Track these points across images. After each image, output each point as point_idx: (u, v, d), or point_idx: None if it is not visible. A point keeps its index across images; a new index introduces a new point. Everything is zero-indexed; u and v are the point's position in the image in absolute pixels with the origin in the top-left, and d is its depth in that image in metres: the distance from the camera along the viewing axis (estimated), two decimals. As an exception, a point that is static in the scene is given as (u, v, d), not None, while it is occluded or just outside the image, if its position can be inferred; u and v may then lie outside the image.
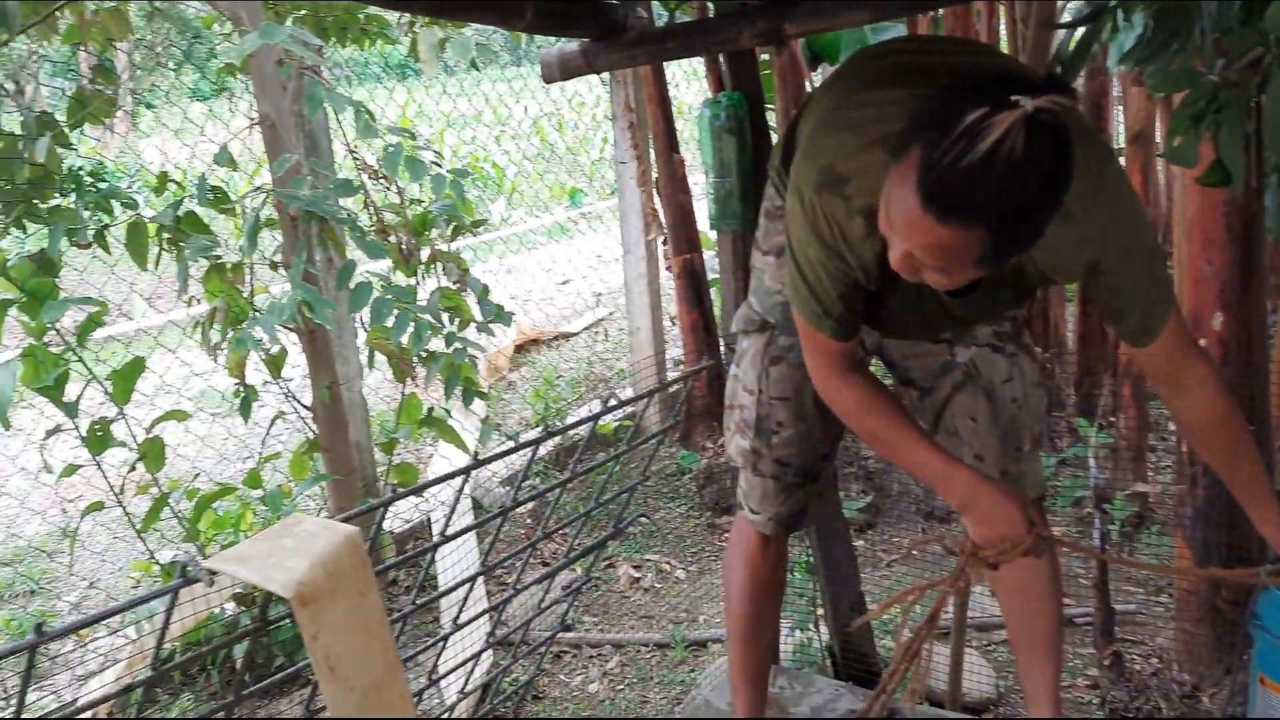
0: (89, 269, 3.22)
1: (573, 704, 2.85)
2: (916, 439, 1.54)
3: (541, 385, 5.15)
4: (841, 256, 1.46)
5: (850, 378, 1.57)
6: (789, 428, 1.81)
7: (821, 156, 1.44)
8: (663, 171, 4.46)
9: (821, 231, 1.45)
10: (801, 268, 1.51)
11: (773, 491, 1.86)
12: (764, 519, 1.89)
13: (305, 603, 1.35)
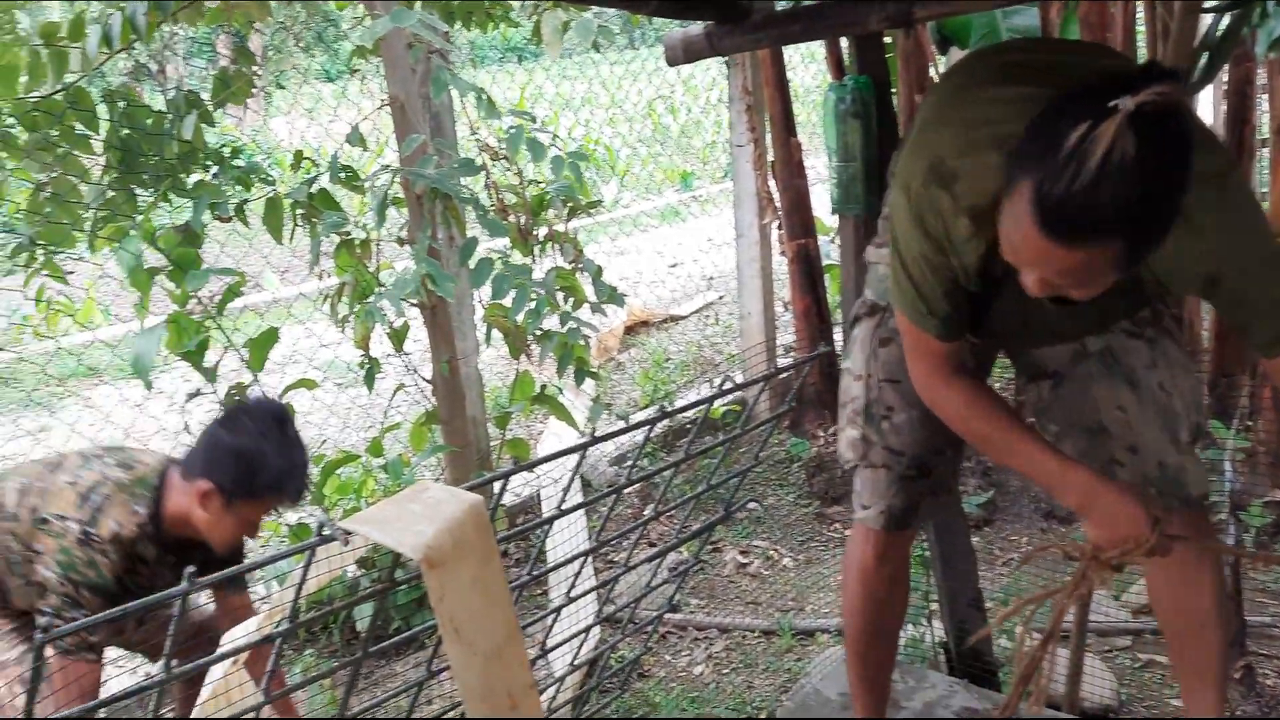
0: (228, 242, 3.36)
1: (678, 684, 2.87)
2: (1028, 440, 1.50)
3: (651, 367, 5.17)
4: (945, 253, 1.43)
5: (956, 381, 1.53)
6: (900, 413, 1.74)
7: (931, 150, 1.41)
8: (779, 155, 4.41)
9: (927, 225, 1.42)
10: (906, 263, 1.48)
11: (884, 482, 1.79)
12: (874, 513, 1.81)
13: (433, 565, 1.39)
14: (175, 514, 2.02)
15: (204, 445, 2.04)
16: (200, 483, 1.99)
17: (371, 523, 1.45)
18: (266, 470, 1.99)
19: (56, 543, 1.93)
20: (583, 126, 7.46)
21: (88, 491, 1.98)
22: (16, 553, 2.00)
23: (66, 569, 1.92)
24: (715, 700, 2.77)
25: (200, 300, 2.96)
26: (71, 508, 1.95)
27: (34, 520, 1.97)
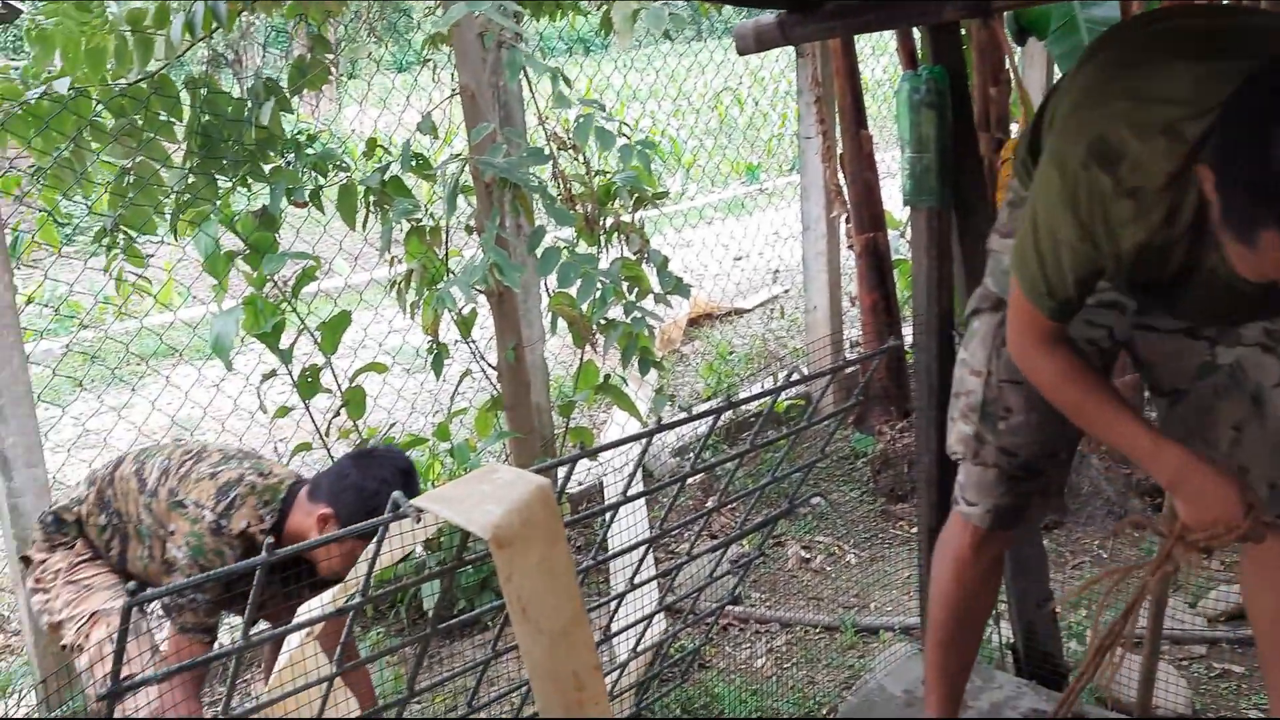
0: (303, 227, 3.43)
1: (739, 676, 2.86)
2: (1122, 412, 1.47)
3: (715, 359, 5.15)
4: (1094, 241, 1.36)
5: (1055, 349, 1.49)
6: (1018, 414, 1.70)
7: (1092, 128, 1.34)
8: (848, 147, 4.36)
9: (1079, 208, 1.35)
10: (1040, 241, 1.42)
11: (992, 481, 1.75)
12: (980, 511, 1.77)
13: (501, 545, 1.40)
14: (294, 530, 2.13)
15: (333, 475, 2.16)
16: (323, 508, 2.11)
17: (443, 501, 1.47)
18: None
19: (190, 527, 2.06)
20: (649, 118, 7.46)
21: (226, 487, 2.11)
22: (148, 526, 2.15)
23: (196, 553, 2.05)
24: (776, 694, 2.75)
25: (276, 284, 3.03)
26: (209, 498, 2.09)
27: (171, 502, 2.11)
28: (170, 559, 2.08)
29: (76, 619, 2.15)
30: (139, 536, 2.17)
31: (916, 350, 2.31)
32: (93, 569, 2.22)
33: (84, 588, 2.19)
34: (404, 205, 3.13)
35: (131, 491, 2.18)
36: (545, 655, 1.46)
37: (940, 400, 2.28)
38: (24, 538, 2.50)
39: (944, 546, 1.86)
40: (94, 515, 2.21)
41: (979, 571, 1.82)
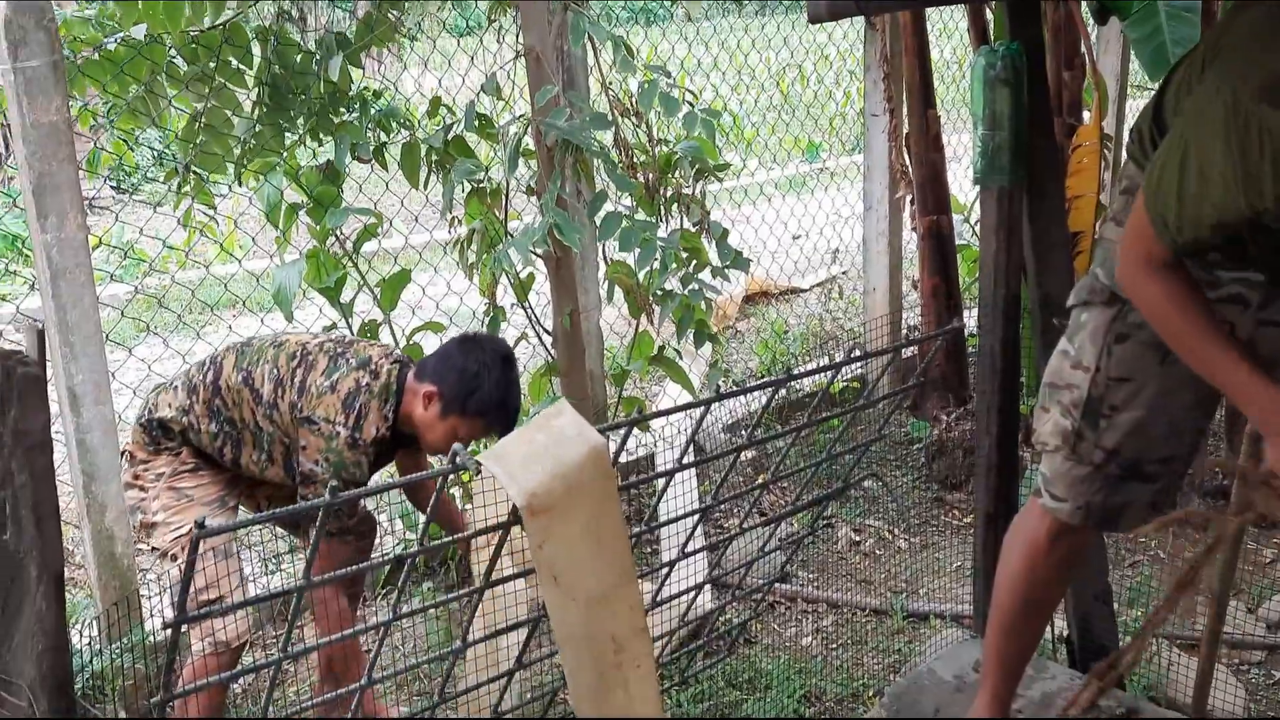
0: (366, 185, 3.44)
1: (785, 653, 2.83)
2: (1225, 345, 1.42)
3: (770, 337, 5.10)
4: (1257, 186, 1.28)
5: (1163, 273, 1.43)
6: (1124, 412, 1.63)
7: (1267, 67, 1.27)
8: (914, 127, 4.26)
9: (1248, 146, 1.27)
10: (1185, 173, 1.35)
11: (1087, 479, 1.68)
12: (1070, 507, 1.70)
13: (535, 513, 1.39)
14: (406, 413, 2.29)
15: (439, 357, 2.32)
16: (428, 386, 2.26)
17: (497, 458, 1.45)
18: (481, 396, 2.25)
19: (325, 443, 2.20)
20: (711, 91, 7.37)
21: (349, 399, 2.23)
22: (269, 433, 2.27)
23: (338, 468, 2.19)
24: (822, 673, 2.73)
25: (338, 238, 3.04)
26: (337, 413, 2.21)
27: (298, 418, 2.23)
28: (308, 472, 2.21)
29: (173, 526, 2.25)
30: (255, 442, 2.29)
31: (981, 334, 2.25)
32: (195, 480, 2.31)
33: (185, 497, 2.28)
34: (466, 165, 3.12)
35: (245, 401, 2.27)
36: (579, 622, 1.44)
37: (1004, 385, 2.23)
38: (91, 473, 2.56)
39: (1018, 533, 1.81)
40: (203, 423, 2.29)
41: (1053, 561, 1.76)
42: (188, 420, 2.30)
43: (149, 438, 2.32)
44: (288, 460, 2.28)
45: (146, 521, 2.28)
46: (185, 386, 2.33)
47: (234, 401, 2.28)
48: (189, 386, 2.32)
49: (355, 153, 3.06)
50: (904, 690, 2.16)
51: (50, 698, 1.20)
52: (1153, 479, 1.69)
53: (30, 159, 2.43)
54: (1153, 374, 1.61)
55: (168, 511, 2.25)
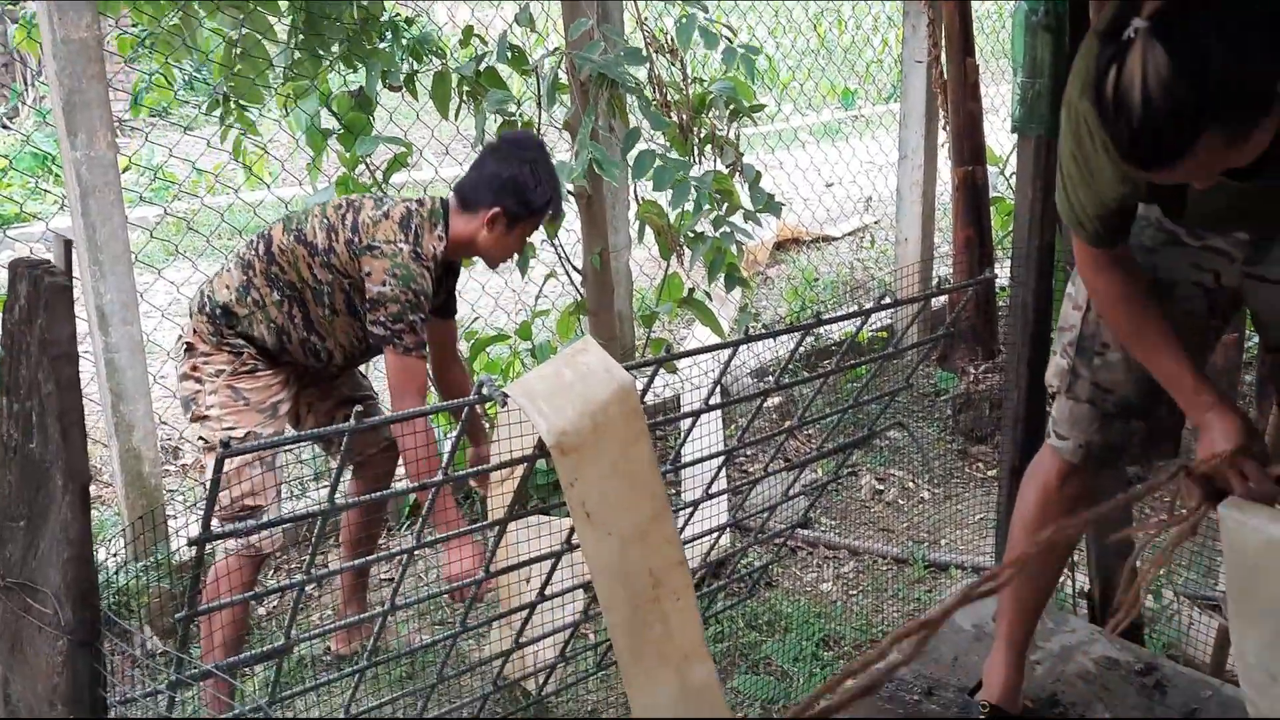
0: (397, 114, 3.40)
1: (804, 597, 2.85)
2: (1168, 347, 1.51)
3: (801, 284, 5.05)
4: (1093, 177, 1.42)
5: (1105, 270, 1.53)
6: (1115, 350, 1.66)
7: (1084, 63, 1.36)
8: (953, 75, 4.16)
9: (1082, 142, 1.40)
10: (1064, 175, 1.48)
11: (1085, 417, 1.71)
12: (1070, 445, 1.73)
13: (565, 452, 1.39)
14: (458, 239, 2.36)
15: (484, 180, 2.34)
16: (487, 210, 2.32)
17: (526, 392, 1.44)
18: (540, 192, 2.35)
19: (390, 261, 2.24)
20: (747, 33, 7.24)
21: (404, 221, 2.29)
22: (328, 284, 2.32)
23: (406, 280, 2.24)
24: (840, 618, 2.74)
25: (368, 167, 3.01)
26: (395, 234, 2.27)
27: (356, 250, 2.28)
28: (376, 295, 2.24)
29: (225, 424, 2.28)
30: (316, 298, 2.33)
31: (1013, 285, 2.22)
32: (253, 382, 2.34)
33: (241, 399, 2.31)
34: (498, 97, 3.07)
35: (301, 258, 2.31)
36: (616, 557, 1.44)
37: (1035, 336, 2.20)
38: (119, 392, 2.57)
39: (1032, 475, 1.83)
40: (267, 294, 2.32)
41: (1065, 501, 1.77)
42: (252, 297, 2.32)
43: (214, 327, 2.33)
44: (350, 304, 2.33)
45: (199, 414, 2.32)
46: (239, 265, 2.35)
47: (289, 263, 2.32)
48: (243, 264, 2.35)
49: (386, 80, 3.01)
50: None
51: (74, 606, 1.21)
52: (1144, 415, 1.72)
53: (60, 75, 2.42)
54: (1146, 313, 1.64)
55: (222, 409, 2.29)
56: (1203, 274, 1.63)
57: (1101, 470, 1.77)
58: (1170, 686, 1.98)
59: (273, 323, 2.33)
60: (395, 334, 2.24)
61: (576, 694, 2.32)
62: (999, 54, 6.96)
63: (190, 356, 2.35)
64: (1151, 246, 1.65)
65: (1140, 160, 1.19)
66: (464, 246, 2.39)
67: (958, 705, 1.87)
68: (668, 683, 1.39)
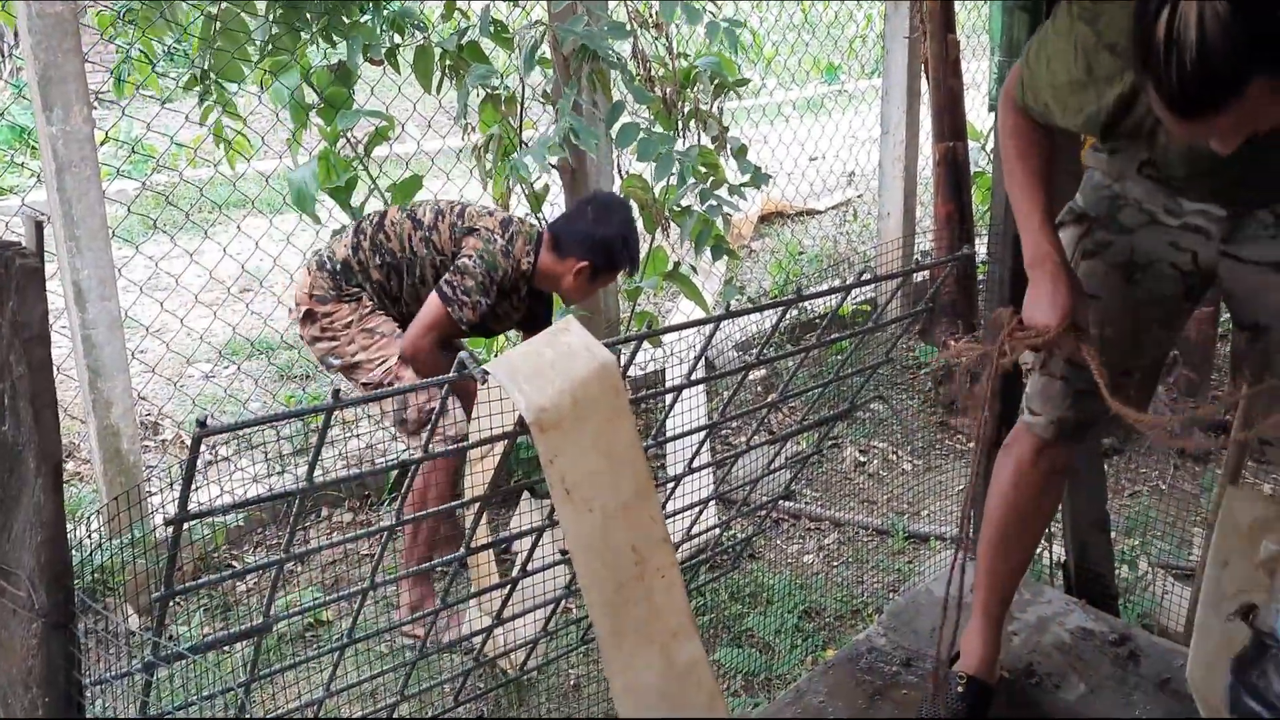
0: (379, 87, 3.37)
1: (788, 569, 2.87)
2: (1038, 188, 1.56)
3: (784, 258, 5.06)
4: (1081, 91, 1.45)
5: (1021, 114, 1.58)
6: (1090, 328, 1.65)
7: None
8: (934, 51, 4.16)
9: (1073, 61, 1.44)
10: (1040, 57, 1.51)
11: (1059, 394, 1.72)
12: (1044, 421, 1.75)
13: (545, 429, 1.38)
14: (545, 272, 2.70)
15: (580, 234, 2.67)
16: (578, 262, 2.65)
17: (506, 369, 1.44)
18: (624, 254, 2.71)
19: (484, 245, 2.57)
20: (731, 6, 7.18)
21: (505, 222, 2.66)
22: (423, 258, 2.62)
23: (491, 266, 2.56)
24: (823, 589, 2.76)
25: (349, 141, 2.99)
26: (496, 228, 2.62)
27: (459, 230, 2.61)
28: (461, 264, 2.55)
29: (377, 361, 2.56)
30: (409, 269, 2.62)
31: (991, 261, 2.23)
32: (378, 319, 2.62)
33: (377, 334, 2.59)
34: (480, 71, 3.04)
35: (406, 231, 2.62)
36: (598, 534, 1.44)
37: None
38: (96, 369, 2.55)
39: (1007, 451, 1.85)
40: (370, 258, 2.62)
41: (1038, 477, 1.80)
42: (359, 258, 2.62)
43: (333, 282, 2.61)
44: (439, 280, 2.59)
45: (347, 364, 2.59)
46: (353, 231, 2.67)
47: (395, 233, 2.62)
48: (357, 229, 2.67)
49: (368, 54, 2.98)
50: (902, 609, 2.19)
51: (48, 588, 1.20)
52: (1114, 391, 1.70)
53: (36, 49, 2.38)
54: (1116, 290, 1.67)
55: (367, 350, 2.57)
56: (1180, 254, 1.63)
57: (1073, 444, 1.79)
58: (1144, 656, 2.01)
59: (375, 285, 2.63)
60: (454, 295, 2.53)
61: (560, 668, 2.34)
62: (980, 30, 6.95)
63: (313, 322, 2.62)
64: (1131, 227, 1.66)
65: (1187, 103, 1.16)
66: (548, 280, 2.72)
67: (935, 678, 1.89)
68: (652, 662, 1.39)
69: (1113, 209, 1.67)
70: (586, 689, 2.33)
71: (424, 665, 1.95)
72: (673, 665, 1.42)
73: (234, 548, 2.97)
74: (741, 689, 2.39)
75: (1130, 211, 1.66)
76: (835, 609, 2.69)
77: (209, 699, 1.52)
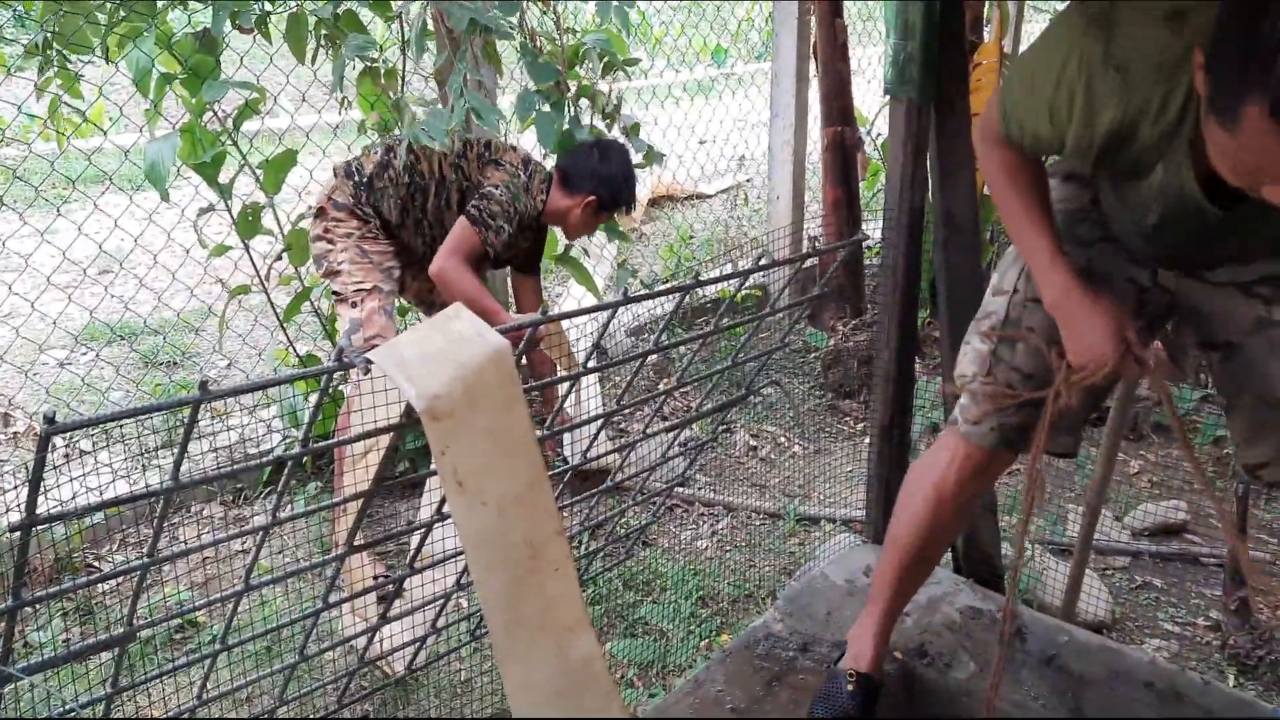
0: (249, 57, 3.17)
1: (683, 555, 2.85)
2: (1038, 221, 1.49)
3: (676, 241, 5.03)
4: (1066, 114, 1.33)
5: (1005, 146, 1.49)
6: (1040, 336, 1.61)
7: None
8: (822, 36, 4.20)
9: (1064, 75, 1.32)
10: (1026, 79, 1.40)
11: (1000, 399, 1.65)
12: (984, 429, 1.67)
13: (436, 417, 1.31)
14: (554, 208, 2.93)
15: (588, 170, 2.89)
16: (583, 196, 2.89)
17: (394, 358, 1.36)
18: (625, 193, 2.95)
19: (510, 178, 2.81)
20: (619, -13, 7.13)
21: (526, 159, 2.91)
22: (450, 181, 2.83)
23: (514, 197, 2.80)
24: (717, 575, 2.75)
25: (216, 114, 2.81)
26: (519, 165, 2.86)
27: (490, 159, 2.85)
28: (488, 191, 2.77)
29: (355, 278, 2.71)
30: (437, 191, 2.83)
31: (885, 247, 2.24)
32: (378, 246, 2.79)
33: (368, 258, 2.76)
34: (358, 42, 2.89)
35: (435, 155, 2.81)
36: (491, 526, 1.38)
37: (905, 299, 2.23)
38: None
39: (925, 471, 1.76)
40: (400, 177, 2.80)
41: (957, 508, 1.74)
42: (389, 174, 2.78)
43: (354, 192, 2.78)
44: (463, 204, 2.81)
45: (331, 269, 2.73)
46: (384, 149, 2.85)
47: (425, 156, 2.80)
48: (387, 149, 2.84)
49: (236, 21, 2.80)
50: (798, 593, 2.19)
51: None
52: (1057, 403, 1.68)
53: None
54: None
55: (353, 265, 2.72)
56: (1139, 270, 1.60)
57: (1008, 452, 1.72)
58: (1029, 633, 2.06)
59: (400, 200, 2.80)
60: (482, 219, 2.74)
61: (450, 665, 2.26)
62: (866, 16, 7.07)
63: (322, 219, 2.77)
64: (1089, 240, 1.61)
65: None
66: (555, 215, 2.92)
67: (826, 673, 1.87)
68: (547, 658, 1.33)
69: (1071, 221, 1.62)
70: (477, 684, 2.25)
71: (306, 667, 1.85)
72: (568, 661, 1.37)
73: (96, 547, 2.78)
74: (637, 679, 2.36)
75: (1089, 226, 1.62)
76: (730, 593, 2.69)
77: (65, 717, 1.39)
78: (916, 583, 1.89)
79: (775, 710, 1.83)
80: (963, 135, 2.18)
